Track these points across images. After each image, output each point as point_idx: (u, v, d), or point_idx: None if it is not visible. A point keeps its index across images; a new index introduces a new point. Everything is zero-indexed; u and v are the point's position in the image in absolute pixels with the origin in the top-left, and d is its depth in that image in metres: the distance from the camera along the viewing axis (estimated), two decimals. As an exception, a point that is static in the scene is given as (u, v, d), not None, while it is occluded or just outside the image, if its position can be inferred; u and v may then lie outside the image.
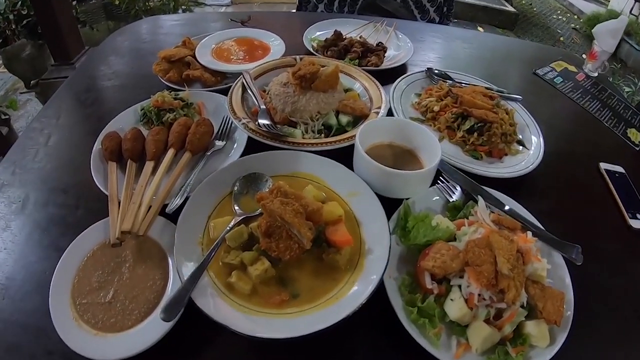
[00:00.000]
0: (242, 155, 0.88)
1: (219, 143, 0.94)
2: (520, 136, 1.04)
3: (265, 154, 0.84)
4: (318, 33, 1.45)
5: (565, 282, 0.71)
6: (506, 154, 0.99)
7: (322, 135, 0.94)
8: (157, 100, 1.00)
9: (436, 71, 1.21)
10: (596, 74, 1.51)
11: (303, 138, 0.91)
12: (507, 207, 0.80)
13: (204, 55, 1.23)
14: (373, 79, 1.08)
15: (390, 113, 1.00)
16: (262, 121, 0.90)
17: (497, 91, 1.18)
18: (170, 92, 1.05)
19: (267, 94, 1.02)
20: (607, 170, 1.01)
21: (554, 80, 1.45)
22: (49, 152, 0.99)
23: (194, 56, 1.21)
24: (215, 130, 0.97)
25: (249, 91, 1.01)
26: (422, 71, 1.21)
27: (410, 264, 0.71)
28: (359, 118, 0.97)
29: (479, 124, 0.98)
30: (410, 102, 1.12)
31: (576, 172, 1.03)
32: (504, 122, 1.01)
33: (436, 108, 1.03)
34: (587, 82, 1.47)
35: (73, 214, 0.84)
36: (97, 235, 0.75)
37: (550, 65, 1.53)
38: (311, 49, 1.32)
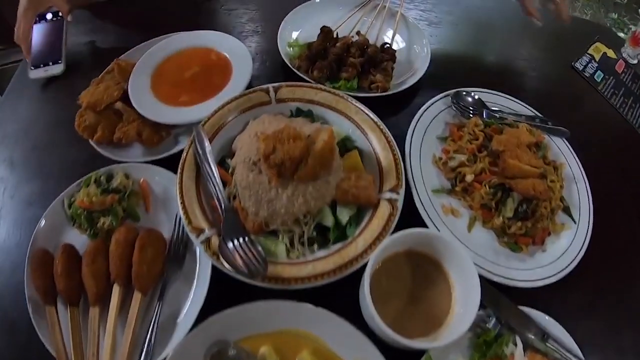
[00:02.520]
0: (210, 286, 0.65)
1: (175, 270, 0.69)
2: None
3: (237, 310, 0.60)
4: (296, 33, 1.04)
5: None
6: (549, 234, 0.77)
7: (316, 246, 0.68)
8: (82, 200, 0.72)
9: (464, 93, 0.90)
10: (635, 61, 1.22)
11: (289, 257, 0.66)
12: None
13: (139, 91, 0.87)
14: (383, 129, 0.77)
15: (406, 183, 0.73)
16: (228, 244, 0.63)
17: (541, 122, 0.90)
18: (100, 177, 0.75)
19: (232, 177, 0.72)
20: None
21: (594, 76, 1.15)
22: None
23: (127, 96, 0.87)
24: (169, 239, 0.72)
25: (205, 171, 0.71)
26: (447, 94, 0.89)
27: None
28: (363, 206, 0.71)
29: (524, 202, 0.74)
30: (431, 154, 0.83)
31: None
32: (554, 195, 0.76)
33: (469, 177, 0.76)
34: (627, 74, 1.19)
35: None
36: None
37: (588, 52, 1.21)
38: (289, 63, 0.95)
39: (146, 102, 0.86)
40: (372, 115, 0.80)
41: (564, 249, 0.76)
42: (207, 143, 0.74)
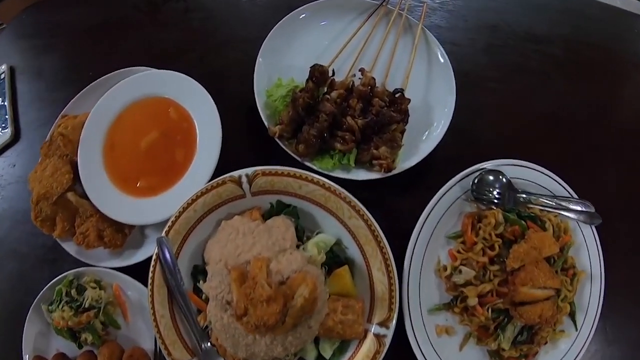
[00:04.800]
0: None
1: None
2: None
3: None
4: (279, 66, 0.78)
5: None
6: (546, 342, 0.71)
7: (298, 385, 0.65)
8: (58, 322, 0.69)
9: (490, 173, 0.71)
10: None
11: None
12: None
13: (92, 175, 0.73)
14: (382, 244, 0.64)
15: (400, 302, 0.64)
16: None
17: (574, 203, 0.75)
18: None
19: (206, 305, 0.65)
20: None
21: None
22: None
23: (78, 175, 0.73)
24: (152, 350, 0.70)
25: (177, 300, 0.65)
26: (467, 175, 0.70)
27: None
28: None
29: (525, 330, 0.67)
30: (436, 257, 0.72)
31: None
32: (561, 313, 0.69)
33: (472, 302, 0.67)
34: None
35: None
36: None
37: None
38: (267, 121, 0.75)
39: (102, 191, 0.74)
40: (369, 220, 0.66)
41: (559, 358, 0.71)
42: (173, 261, 0.66)
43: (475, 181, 0.72)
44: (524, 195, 0.75)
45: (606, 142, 0.88)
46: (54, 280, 0.73)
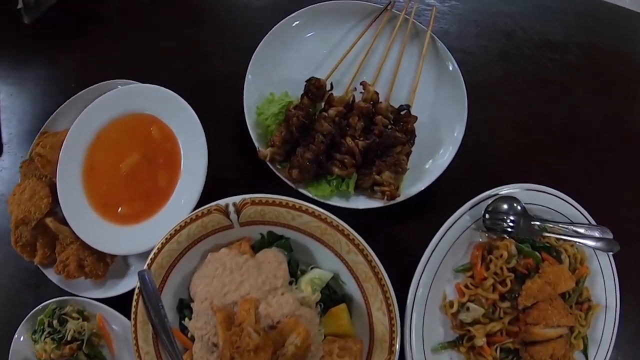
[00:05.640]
0: None
1: None
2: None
3: None
4: (267, 92, 0.70)
5: None
6: None
7: None
8: (41, 354, 0.66)
9: (503, 200, 0.65)
10: None
11: None
12: None
13: (72, 200, 0.68)
14: (383, 281, 0.58)
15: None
16: None
17: (590, 229, 0.68)
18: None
19: (192, 344, 0.60)
20: None
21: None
22: None
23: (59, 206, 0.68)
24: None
25: (161, 338, 0.60)
26: (480, 202, 0.65)
27: None
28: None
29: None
30: (441, 293, 0.66)
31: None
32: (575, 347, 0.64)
33: (480, 342, 0.62)
34: None
35: None
36: None
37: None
38: (257, 145, 0.68)
39: (82, 217, 0.69)
40: (369, 256, 0.60)
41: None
42: (156, 296, 0.61)
43: (489, 209, 0.66)
44: (538, 223, 0.69)
45: (625, 159, 0.81)
46: (35, 309, 0.69)
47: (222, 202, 0.62)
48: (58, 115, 0.77)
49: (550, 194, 0.70)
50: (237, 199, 0.62)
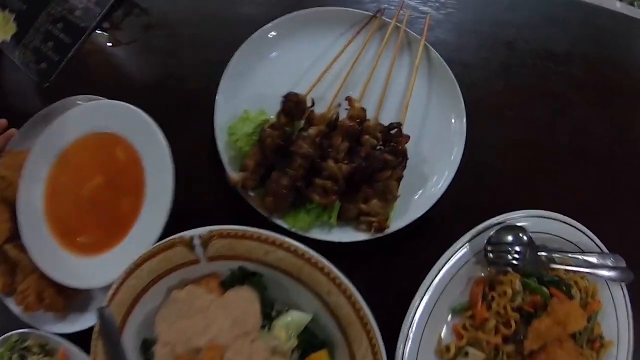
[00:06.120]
0: None
1: None
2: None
3: None
4: (241, 110, 0.63)
5: None
6: None
7: None
8: None
9: (508, 231, 0.58)
10: None
11: None
12: None
13: (31, 226, 0.63)
14: (370, 329, 0.51)
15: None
16: None
17: (603, 257, 0.62)
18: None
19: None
20: None
21: None
22: None
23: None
24: None
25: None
26: (481, 232, 0.58)
27: None
28: None
29: None
30: (437, 335, 0.58)
31: None
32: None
33: (478, 392, 0.54)
34: None
35: None
36: None
37: None
38: (228, 170, 0.62)
39: (42, 245, 0.63)
40: (353, 297, 0.52)
41: None
42: (116, 337, 0.54)
43: (491, 240, 0.59)
44: (545, 254, 0.62)
45: (638, 179, 0.74)
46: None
47: (186, 234, 0.56)
48: (22, 134, 0.72)
49: (558, 220, 0.63)
50: (204, 230, 0.55)
